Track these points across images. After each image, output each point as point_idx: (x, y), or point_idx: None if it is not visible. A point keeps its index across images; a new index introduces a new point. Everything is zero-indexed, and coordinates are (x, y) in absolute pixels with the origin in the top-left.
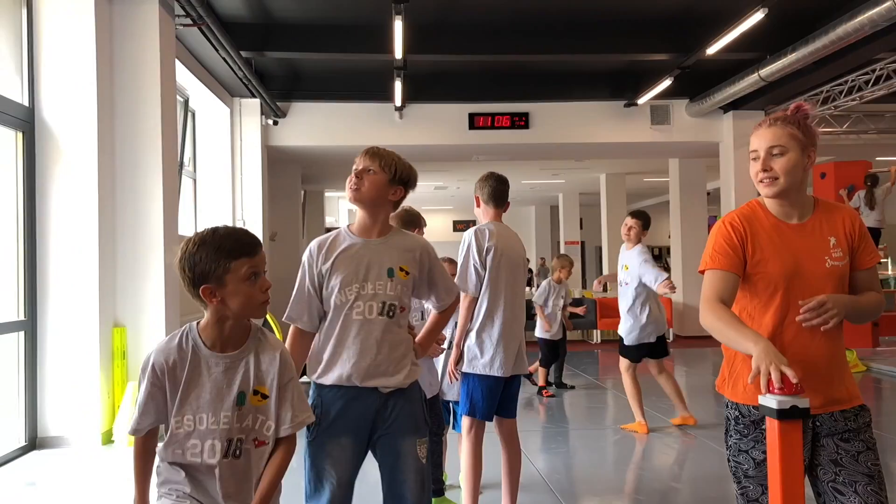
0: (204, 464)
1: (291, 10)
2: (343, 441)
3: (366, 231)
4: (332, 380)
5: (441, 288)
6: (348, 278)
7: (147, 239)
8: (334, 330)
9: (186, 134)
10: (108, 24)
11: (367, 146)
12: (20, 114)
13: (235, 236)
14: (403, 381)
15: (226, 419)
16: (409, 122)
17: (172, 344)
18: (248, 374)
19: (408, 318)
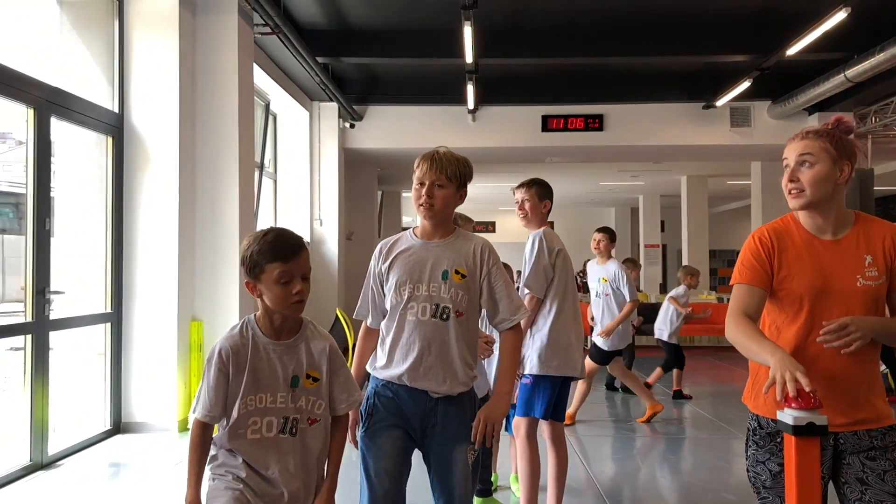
0: (263, 438)
1: (366, 16)
2: (394, 434)
3: (428, 234)
4: (386, 376)
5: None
6: (403, 279)
7: (223, 238)
8: (391, 329)
9: (267, 136)
10: (190, 34)
11: None
12: (111, 120)
13: (276, 241)
14: (452, 388)
15: (282, 399)
16: (482, 125)
17: (235, 332)
18: (300, 359)
19: (469, 322)
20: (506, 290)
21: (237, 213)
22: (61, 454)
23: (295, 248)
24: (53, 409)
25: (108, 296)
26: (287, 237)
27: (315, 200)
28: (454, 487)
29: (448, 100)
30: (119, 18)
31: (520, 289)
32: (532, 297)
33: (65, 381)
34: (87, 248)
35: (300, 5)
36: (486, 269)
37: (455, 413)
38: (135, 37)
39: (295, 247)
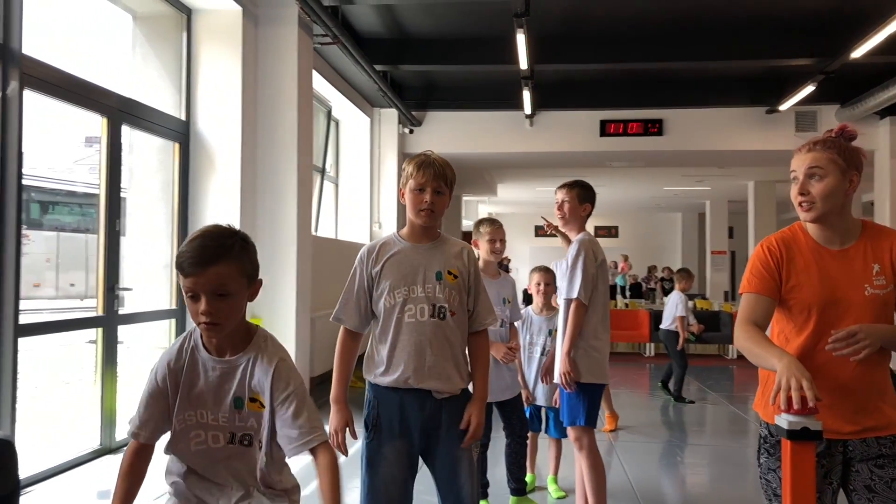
0: (209, 448)
1: (424, 25)
2: (398, 443)
3: (416, 237)
4: (388, 381)
5: (483, 304)
6: (397, 281)
7: (282, 239)
8: (388, 333)
9: (329, 142)
10: (253, 45)
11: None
12: (178, 127)
13: (187, 249)
14: (455, 385)
15: (225, 418)
16: (540, 130)
17: (175, 347)
18: (243, 381)
19: (462, 321)
20: (483, 294)
21: (295, 215)
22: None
23: (201, 261)
24: (121, 398)
25: (172, 293)
26: (202, 246)
27: (375, 204)
28: (461, 486)
29: (505, 105)
30: (187, 31)
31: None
32: (580, 303)
33: (132, 372)
34: (154, 247)
35: (360, 15)
36: (473, 271)
37: (459, 413)
38: (201, 48)
39: (203, 259)
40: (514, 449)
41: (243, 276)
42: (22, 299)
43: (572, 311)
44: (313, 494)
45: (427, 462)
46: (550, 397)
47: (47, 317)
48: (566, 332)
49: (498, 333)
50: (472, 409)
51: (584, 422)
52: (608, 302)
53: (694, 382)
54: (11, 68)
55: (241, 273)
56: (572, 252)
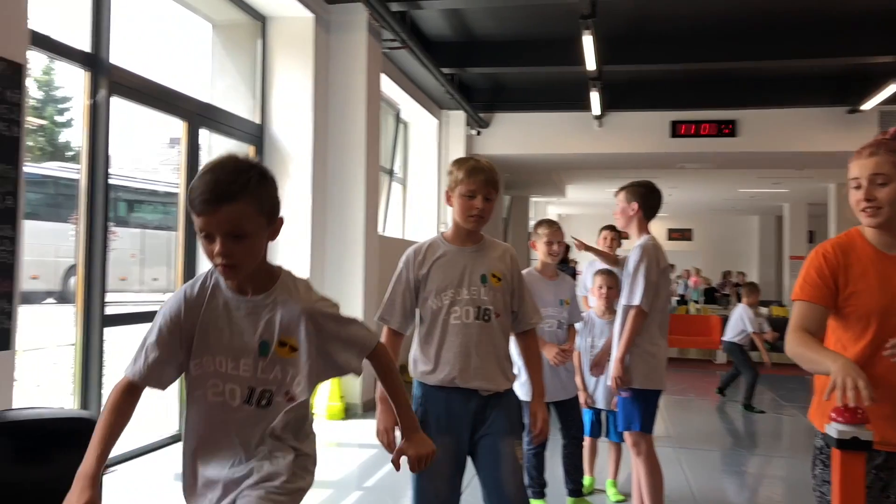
0: (226, 403)
1: (490, 27)
2: (445, 440)
3: (461, 240)
4: (435, 381)
5: (528, 304)
6: (443, 284)
7: (351, 238)
8: (434, 334)
9: (397, 144)
10: (325, 50)
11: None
12: (253, 130)
13: (197, 185)
14: (500, 385)
15: (246, 367)
16: (609, 131)
17: (195, 283)
18: (272, 322)
19: (506, 323)
20: (527, 295)
21: (363, 215)
22: None
23: (214, 199)
24: None
25: None
26: (214, 181)
27: (442, 204)
28: (504, 481)
29: (573, 106)
30: (262, 38)
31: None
32: (640, 310)
33: None
34: None
35: (427, 19)
36: (516, 273)
37: (503, 408)
38: (275, 54)
39: (216, 196)
40: (571, 450)
41: (261, 215)
42: (109, 292)
43: (631, 317)
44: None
45: (472, 458)
46: (609, 400)
47: (131, 309)
48: (622, 338)
49: (555, 335)
50: (535, 408)
51: (639, 427)
52: (668, 308)
53: (767, 392)
54: (101, 77)
55: (259, 211)
56: (634, 258)
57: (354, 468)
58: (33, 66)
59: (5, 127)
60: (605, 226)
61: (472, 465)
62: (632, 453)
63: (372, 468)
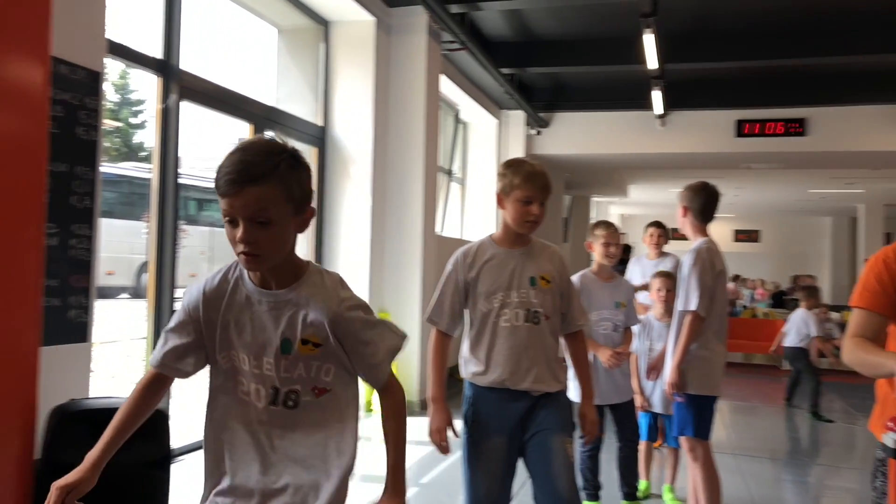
0: (251, 405)
1: (551, 27)
2: (496, 439)
3: (510, 242)
4: (486, 382)
5: (576, 306)
6: (493, 287)
7: (409, 238)
8: (484, 337)
9: (456, 144)
10: (385, 53)
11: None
12: (316, 132)
13: (225, 165)
14: (550, 386)
15: (269, 366)
16: (672, 130)
17: (216, 274)
18: (295, 319)
19: (555, 325)
20: (575, 296)
21: (421, 215)
22: None
23: (239, 179)
24: None
25: None
26: (241, 160)
27: None
28: (555, 476)
29: (635, 105)
30: (325, 42)
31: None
32: (696, 316)
33: None
34: None
35: (487, 20)
36: (565, 275)
37: (553, 407)
38: (337, 58)
39: (241, 177)
40: (625, 453)
41: (289, 202)
42: (179, 288)
43: (688, 322)
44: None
45: (524, 458)
46: (667, 404)
47: None
48: (678, 343)
49: (610, 338)
50: (584, 410)
51: (693, 433)
52: (725, 313)
53: (838, 401)
54: (171, 82)
55: (287, 197)
56: (688, 262)
57: (410, 465)
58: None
59: (84, 131)
60: (651, 222)
61: (525, 470)
62: (688, 459)
63: (427, 465)
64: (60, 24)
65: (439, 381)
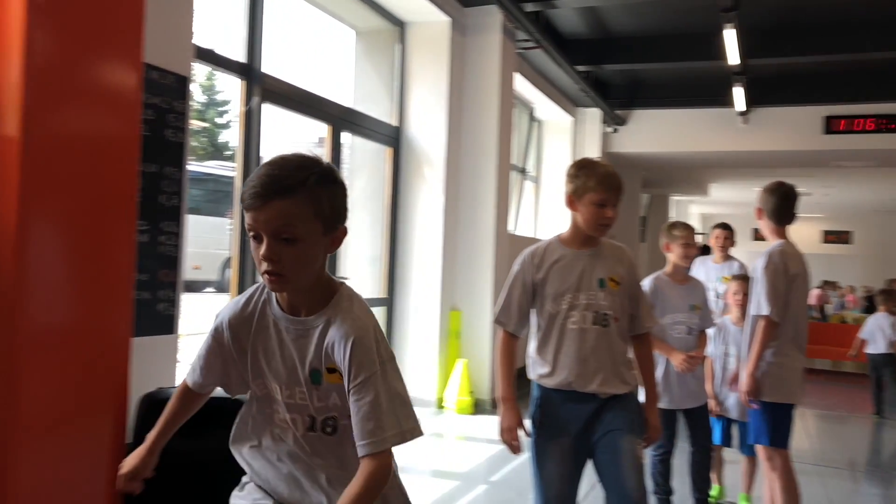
0: (290, 433)
1: (627, 23)
2: (563, 441)
3: (579, 243)
4: (553, 384)
5: (644, 307)
6: (562, 289)
7: (481, 236)
8: (551, 338)
9: (531, 142)
10: (460, 53)
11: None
12: (391, 133)
13: (252, 178)
14: (618, 388)
15: (301, 395)
16: (755, 128)
17: (241, 298)
18: (320, 348)
19: (623, 327)
20: (644, 298)
21: (493, 214)
22: None
23: (263, 192)
24: None
25: (383, 283)
26: (267, 174)
27: None
28: (625, 478)
29: (715, 102)
30: (401, 43)
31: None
32: (769, 321)
33: None
34: (368, 241)
35: (562, 17)
36: (634, 276)
37: (622, 408)
38: (413, 58)
39: (266, 190)
40: (697, 459)
41: (317, 219)
42: None
43: (760, 328)
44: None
45: (592, 460)
46: (742, 410)
47: None
48: (750, 350)
49: (684, 341)
50: (647, 414)
51: (769, 441)
52: (803, 318)
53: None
54: (254, 85)
55: (315, 214)
56: (759, 266)
57: (481, 462)
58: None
59: (172, 134)
60: (717, 223)
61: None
62: (765, 468)
63: (498, 463)
64: (151, 32)
65: (508, 380)
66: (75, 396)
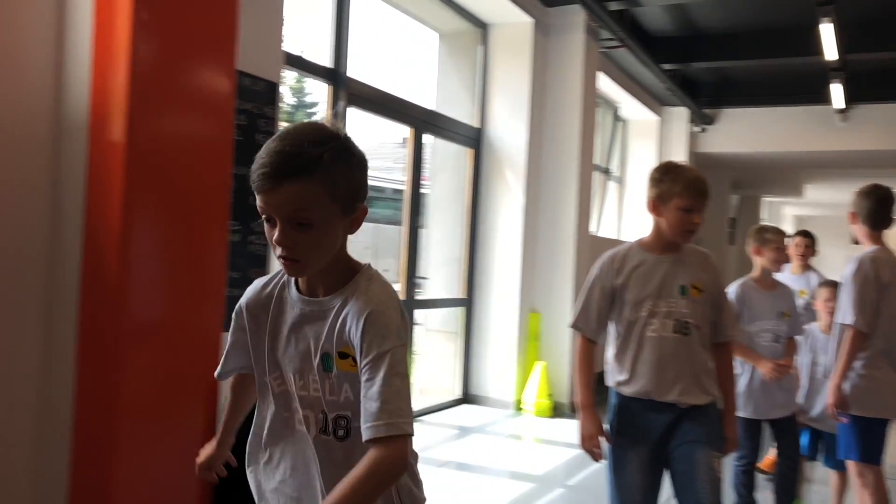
0: (304, 436)
1: (716, 19)
2: (641, 450)
3: (660, 248)
4: (630, 392)
5: (728, 315)
6: (641, 295)
7: (561, 237)
8: (630, 345)
9: (615, 142)
10: (542, 54)
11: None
12: (472, 134)
13: (262, 155)
14: (698, 399)
15: (315, 387)
16: (854, 126)
17: (259, 281)
18: (333, 329)
19: (705, 336)
20: (727, 305)
21: (574, 215)
22: (421, 412)
23: (274, 174)
24: (416, 373)
25: (463, 284)
26: (278, 152)
27: None
28: (698, 491)
29: (811, 99)
30: (483, 45)
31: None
32: (856, 332)
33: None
34: (448, 241)
35: (648, 15)
36: (719, 283)
37: (701, 419)
38: (495, 60)
39: (276, 171)
40: (783, 471)
41: (333, 200)
42: None
43: (847, 338)
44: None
45: (668, 467)
46: (830, 422)
47: None
48: (837, 360)
49: (772, 349)
50: (726, 424)
51: (858, 457)
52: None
53: None
54: (340, 90)
55: (331, 195)
56: (848, 273)
57: (559, 465)
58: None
59: (263, 138)
60: (799, 231)
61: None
62: (856, 484)
63: (576, 467)
64: (244, 41)
65: (587, 387)
66: (170, 388)
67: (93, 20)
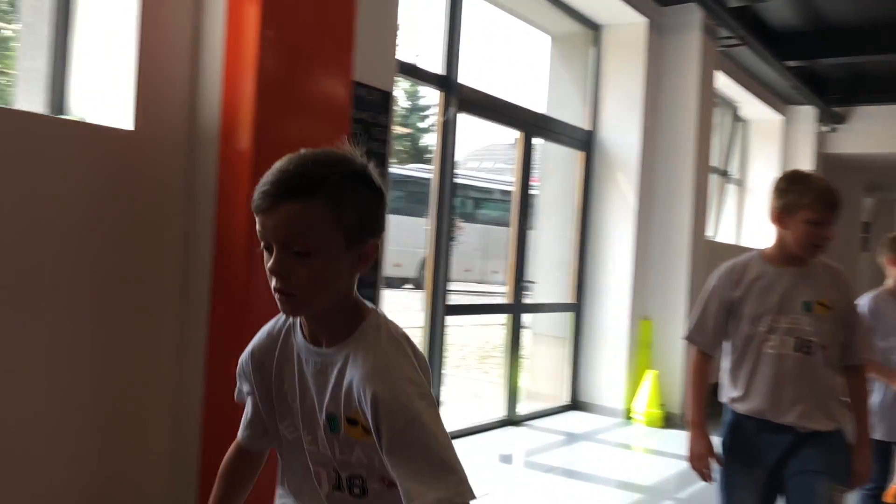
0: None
1: (846, 12)
2: (755, 471)
3: (783, 261)
4: (744, 409)
5: (860, 336)
6: (760, 310)
7: (675, 242)
8: (746, 362)
9: (734, 144)
10: (657, 54)
11: None
12: (583, 137)
13: (267, 175)
14: (820, 424)
15: (324, 444)
16: None
17: (267, 326)
18: (337, 390)
19: (833, 356)
20: (860, 326)
21: (690, 219)
22: (528, 416)
23: (274, 192)
24: (523, 378)
25: (572, 288)
26: (281, 171)
27: None
28: None
29: None
30: (596, 46)
31: None
32: None
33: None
34: (557, 245)
35: (771, 10)
36: (850, 301)
37: (823, 447)
38: (608, 62)
39: (277, 190)
40: None
41: (338, 229)
42: (453, 282)
43: None
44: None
45: (783, 495)
46: None
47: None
48: None
49: None
50: (856, 456)
51: None
52: None
53: None
54: (451, 96)
55: (334, 223)
56: None
57: (669, 477)
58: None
59: (377, 146)
60: None
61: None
62: None
63: (687, 481)
64: (360, 53)
65: (699, 404)
66: None
67: (224, 39)
